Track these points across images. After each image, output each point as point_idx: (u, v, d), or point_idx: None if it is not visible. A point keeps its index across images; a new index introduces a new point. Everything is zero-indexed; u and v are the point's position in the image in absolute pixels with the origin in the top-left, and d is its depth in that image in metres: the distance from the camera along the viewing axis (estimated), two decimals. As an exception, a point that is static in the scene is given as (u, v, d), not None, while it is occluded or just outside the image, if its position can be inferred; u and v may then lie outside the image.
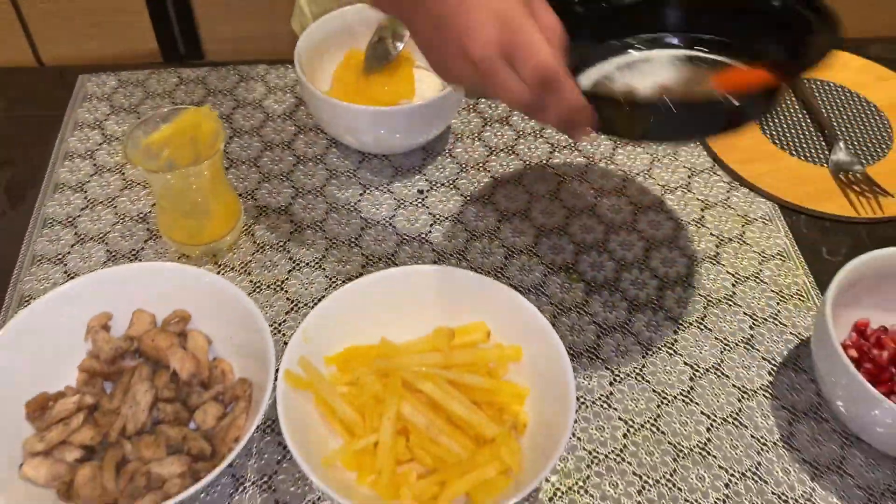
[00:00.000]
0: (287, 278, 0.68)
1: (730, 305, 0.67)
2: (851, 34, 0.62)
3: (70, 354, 0.59)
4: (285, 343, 0.62)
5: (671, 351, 0.64)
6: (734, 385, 0.62)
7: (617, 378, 0.62)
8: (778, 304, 0.67)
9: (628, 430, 0.59)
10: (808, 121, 0.82)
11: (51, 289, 0.66)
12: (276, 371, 0.54)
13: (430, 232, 0.72)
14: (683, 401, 0.61)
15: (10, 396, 0.55)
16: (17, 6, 1.71)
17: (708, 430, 0.59)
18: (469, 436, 0.55)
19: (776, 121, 0.81)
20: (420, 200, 0.74)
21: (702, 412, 0.60)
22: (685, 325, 0.65)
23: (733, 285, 0.68)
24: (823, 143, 0.79)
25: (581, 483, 0.56)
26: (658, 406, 0.60)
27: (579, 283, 0.68)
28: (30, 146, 0.78)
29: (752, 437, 0.59)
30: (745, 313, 0.66)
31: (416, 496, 0.52)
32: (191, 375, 0.57)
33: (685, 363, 0.63)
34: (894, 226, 0.73)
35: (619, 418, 0.60)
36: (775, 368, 0.63)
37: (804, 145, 0.79)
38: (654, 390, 0.61)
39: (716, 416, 0.60)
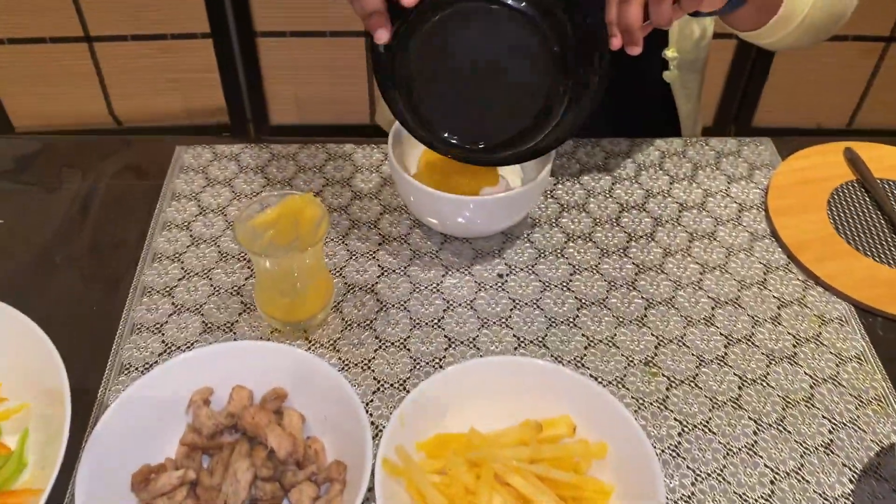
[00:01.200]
0: (373, 357, 0.70)
1: (808, 408, 0.68)
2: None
3: (171, 426, 0.62)
4: (372, 423, 0.64)
5: (751, 452, 0.65)
6: (815, 491, 0.62)
7: (699, 478, 0.63)
8: (857, 408, 0.68)
9: (710, 532, 0.60)
10: (882, 222, 0.83)
11: (149, 357, 0.69)
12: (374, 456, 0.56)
13: (510, 316, 0.74)
14: (765, 504, 0.61)
15: (118, 466, 0.58)
16: (97, 63, 1.80)
17: (790, 535, 0.60)
18: (557, 531, 0.56)
19: (849, 220, 0.83)
20: (500, 284, 0.77)
21: (783, 517, 0.61)
22: (765, 426, 0.66)
23: (811, 387, 0.69)
24: (898, 245, 0.81)
25: (664, 584, 0.57)
26: (740, 508, 0.61)
27: (660, 377, 0.69)
28: (129, 214, 0.82)
29: (835, 545, 0.59)
30: (823, 416, 0.67)
31: (504, 589, 0.54)
32: (287, 454, 0.59)
33: (766, 465, 0.64)
34: (972, 333, 0.74)
35: (701, 519, 0.60)
36: (856, 476, 0.63)
37: (878, 246, 0.80)
38: (735, 492, 0.62)
39: (797, 522, 0.61)
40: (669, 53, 0.94)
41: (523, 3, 0.63)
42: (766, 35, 0.82)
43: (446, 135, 0.71)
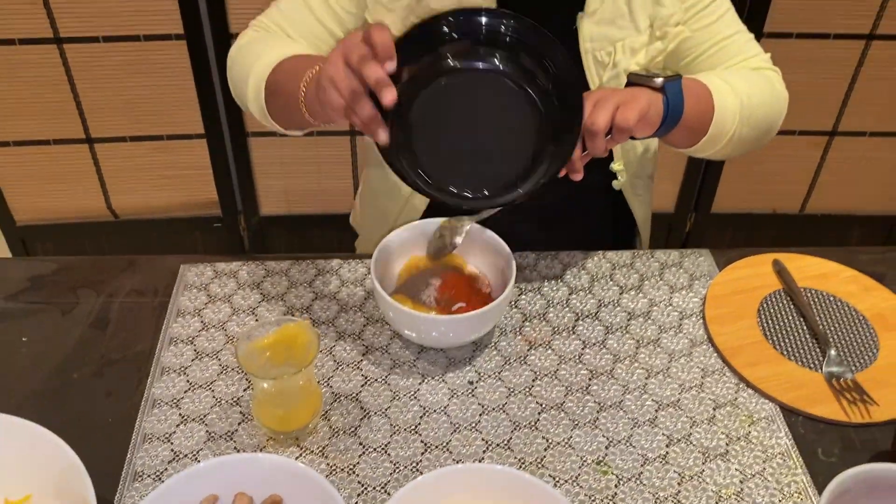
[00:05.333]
0: (358, 462, 0.79)
1: (738, 501, 0.78)
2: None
3: (181, 531, 0.70)
4: (358, 524, 0.73)
5: (688, 543, 0.74)
6: (743, 577, 0.72)
7: (642, 568, 0.72)
8: (780, 502, 0.78)
9: None
10: (805, 328, 0.94)
11: (160, 466, 0.78)
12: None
13: (479, 421, 0.84)
14: (699, 590, 0.71)
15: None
16: (97, 162, 1.92)
17: None
18: None
19: (776, 327, 0.94)
20: (470, 391, 0.87)
21: None
22: (700, 519, 0.76)
23: (741, 482, 0.79)
24: (818, 350, 0.92)
25: None
26: None
27: (609, 475, 0.79)
28: (140, 331, 0.92)
29: None
30: (752, 509, 0.77)
31: None
32: (283, 555, 0.68)
33: (700, 555, 0.73)
34: (881, 429, 0.84)
35: None
36: (779, 562, 0.73)
37: (801, 351, 0.92)
38: (674, 580, 0.71)
39: None
40: (616, 167, 1.06)
41: (507, 67, 0.75)
42: (700, 151, 0.95)
43: (452, 188, 0.81)
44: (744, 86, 0.93)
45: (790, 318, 0.96)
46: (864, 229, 2.17)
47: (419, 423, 0.83)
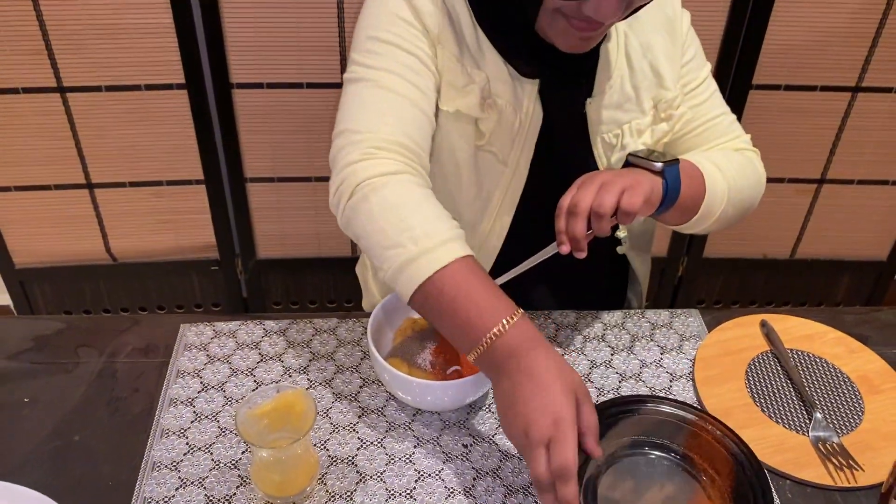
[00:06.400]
0: (354, 527, 0.81)
1: (727, 568, 0.79)
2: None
3: None
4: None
5: None
6: None
7: None
8: (768, 568, 0.79)
9: None
10: (792, 390, 0.97)
11: (158, 531, 0.79)
12: None
13: (474, 486, 0.85)
14: None
15: None
16: (97, 207, 1.94)
17: None
18: None
19: (764, 390, 0.96)
20: (465, 455, 0.89)
21: None
22: (690, 587, 0.77)
23: (730, 548, 0.81)
24: (805, 412, 0.94)
25: None
26: None
27: (600, 542, 0.81)
28: (141, 391, 0.94)
29: None
30: (740, 575, 0.78)
31: None
32: None
33: None
34: (866, 494, 0.86)
35: None
36: None
37: (787, 414, 0.94)
38: None
39: None
40: (621, 234, 1.09)
41: None
42: (687, 228, 0.99)
43: None
44: (730, 168, 0.97)
45: (777, 380, 0.98)
46: (853, 275, 2.20)
47: (414, 488, 0.85)
